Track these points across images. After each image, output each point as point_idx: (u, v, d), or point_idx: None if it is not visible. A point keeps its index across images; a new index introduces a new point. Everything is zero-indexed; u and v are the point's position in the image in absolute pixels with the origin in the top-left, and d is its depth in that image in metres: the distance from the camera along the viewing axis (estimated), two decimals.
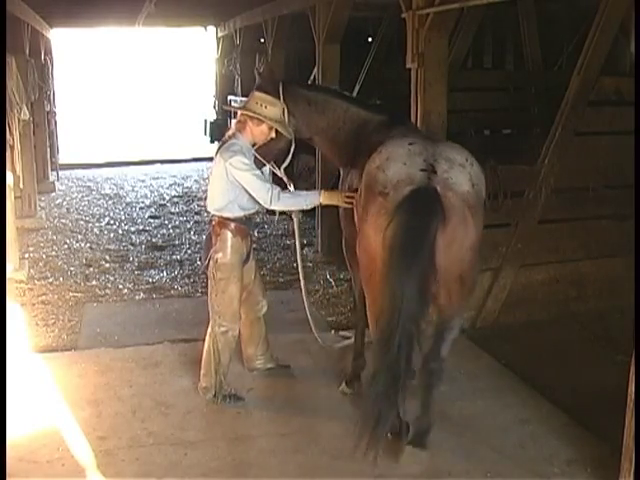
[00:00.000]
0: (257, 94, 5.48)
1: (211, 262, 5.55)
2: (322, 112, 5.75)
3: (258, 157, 5.56)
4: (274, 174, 5.81)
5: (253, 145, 5.55)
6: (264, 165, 5.65)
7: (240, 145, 5.43)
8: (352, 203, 5.17)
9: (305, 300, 6.21)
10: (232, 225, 5.51)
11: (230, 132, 5.63)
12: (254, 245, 6.21)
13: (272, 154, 5.73)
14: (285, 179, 5.76)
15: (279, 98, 5.51)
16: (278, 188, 5.36)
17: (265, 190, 5.31)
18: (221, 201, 5.50)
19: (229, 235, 5.50)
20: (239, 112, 5.60)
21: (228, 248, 5.52)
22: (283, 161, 5.82)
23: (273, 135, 5.51)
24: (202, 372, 5.74)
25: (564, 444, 4.99)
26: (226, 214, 5.50)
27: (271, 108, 5.38)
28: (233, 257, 5.55)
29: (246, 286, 5.81)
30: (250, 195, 5.43)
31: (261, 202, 5.41)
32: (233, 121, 16.88)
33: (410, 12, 6.54)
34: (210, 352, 5.64)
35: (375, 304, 4.60)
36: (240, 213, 5.53)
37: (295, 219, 5.93)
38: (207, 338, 5.70)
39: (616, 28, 7.35)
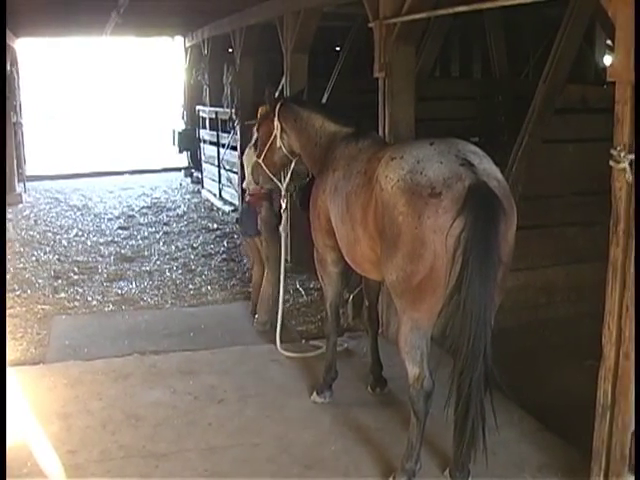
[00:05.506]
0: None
1: (264, 226, 7.27)
2: (305, 128, 5.80)
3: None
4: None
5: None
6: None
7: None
8: None
9: (280, 312, 6.87)
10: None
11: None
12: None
13: (275, 166, 6.31)
14: (282, 188, 6.62)
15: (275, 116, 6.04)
16: None
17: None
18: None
19: (266, 202, 7.29)
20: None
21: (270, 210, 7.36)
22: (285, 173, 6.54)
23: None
24: (263, 310, 7.51)
25: (535, 449, 5.03)
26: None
27: None
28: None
29: None
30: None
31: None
32: (202, 131, 16.81)
33: (377, 22, 6.57)
34: (270, 293, 7.40)
35: (428, 309, 4.53)
36: None
37: (283, 233, 6.91)
38: (265, 283, 7.48)
39: (581, 37, 7.47)
